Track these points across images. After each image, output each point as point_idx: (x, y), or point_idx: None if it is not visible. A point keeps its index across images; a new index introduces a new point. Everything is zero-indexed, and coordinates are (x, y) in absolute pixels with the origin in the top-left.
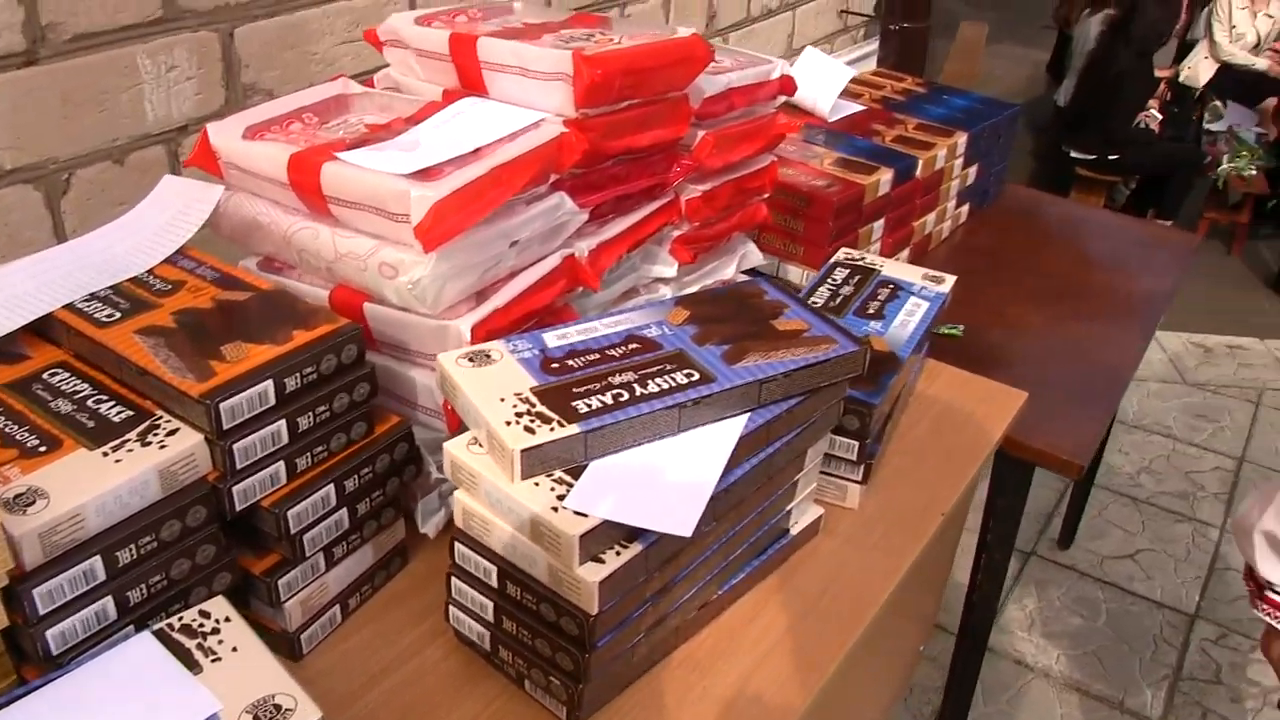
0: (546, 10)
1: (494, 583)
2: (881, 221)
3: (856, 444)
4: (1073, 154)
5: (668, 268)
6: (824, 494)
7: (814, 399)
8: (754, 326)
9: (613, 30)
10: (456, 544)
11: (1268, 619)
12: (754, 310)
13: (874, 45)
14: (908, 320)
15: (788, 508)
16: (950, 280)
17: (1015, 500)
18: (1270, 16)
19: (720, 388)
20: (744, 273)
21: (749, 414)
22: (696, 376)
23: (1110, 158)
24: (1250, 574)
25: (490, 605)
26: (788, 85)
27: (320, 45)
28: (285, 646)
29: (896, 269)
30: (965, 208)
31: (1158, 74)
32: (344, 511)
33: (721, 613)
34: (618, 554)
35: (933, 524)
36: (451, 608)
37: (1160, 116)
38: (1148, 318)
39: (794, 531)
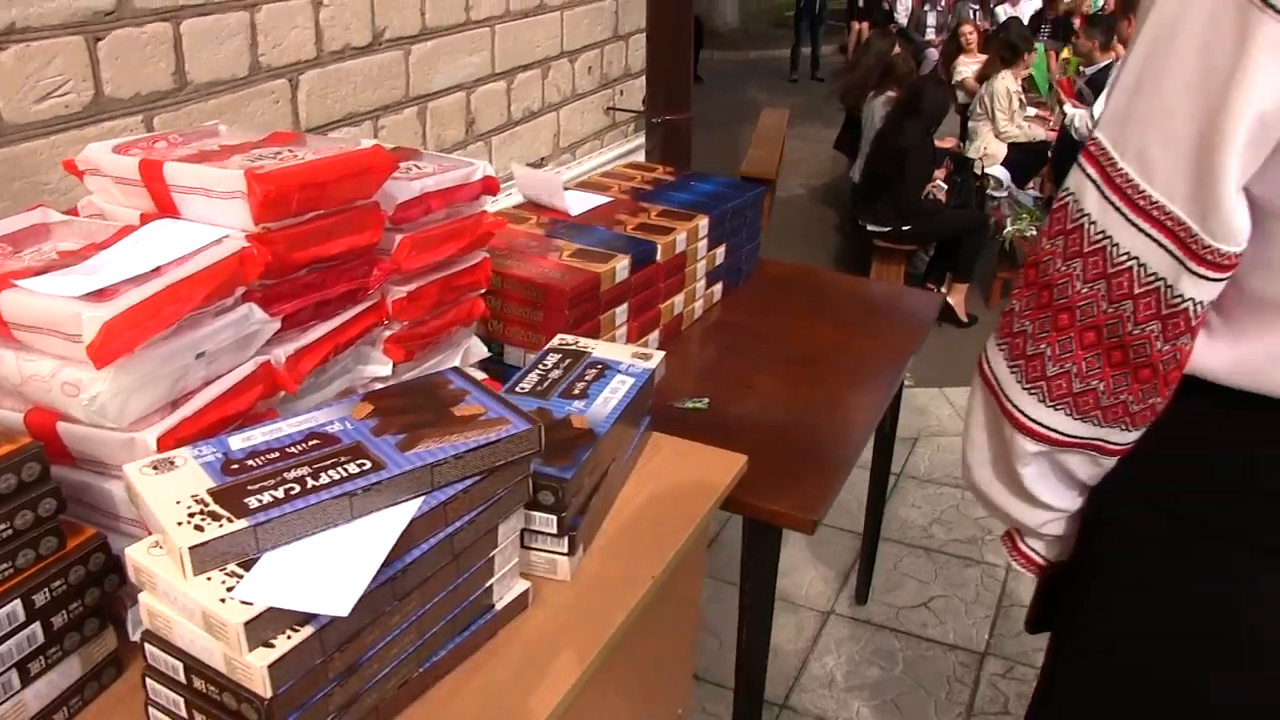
0: (249, 131)
1: (182, 678)
2: (625, 306)
3: (555, 518)
4: (869, 227)
5: (382, 366)
6: (535, 568)
7: (493, 478)
8: (433, 415)
9: (304, 146)
10: (146, 644)
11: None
12: (437, 400)
13: (643, 139)
14: (610, 397)
15: (488, 583)
16: (658, 355)
17: (764, 558)
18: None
19: (389, 474)
20: (475, 365)
21: (423, 497)
22: (368, 465)
23: (903, 229)
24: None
25: (181, 701)
26: (491, 186)
27: (52, 175)
28: None
29: (608, 350)
30: (718, 286)
31: (940, 146)
32: (37, 626)
33: (427, 689)
34: (289, 637)
35: (642, 589)
36: (150, 708)
37: (945, 186)
38: (891, 377)
39: (499, 606)
